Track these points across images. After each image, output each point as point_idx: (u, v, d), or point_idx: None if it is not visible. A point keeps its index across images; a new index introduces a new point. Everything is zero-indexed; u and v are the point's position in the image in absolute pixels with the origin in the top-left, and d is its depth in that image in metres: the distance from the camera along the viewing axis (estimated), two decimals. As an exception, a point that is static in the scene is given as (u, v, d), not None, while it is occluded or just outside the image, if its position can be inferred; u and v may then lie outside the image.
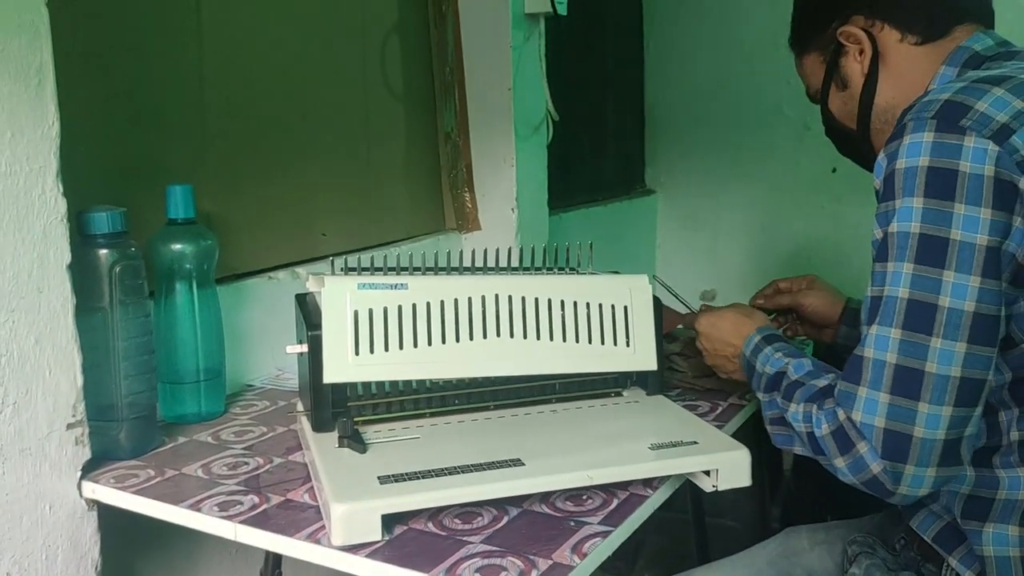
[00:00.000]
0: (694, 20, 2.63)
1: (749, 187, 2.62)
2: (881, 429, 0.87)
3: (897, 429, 0.86)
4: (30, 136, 0.94)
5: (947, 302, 0.85)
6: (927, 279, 0.86)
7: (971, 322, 0.85)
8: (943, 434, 0.85)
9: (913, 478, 0.87)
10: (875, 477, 0.88)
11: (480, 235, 1.86)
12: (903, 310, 0.87)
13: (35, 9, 0.93)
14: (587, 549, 0.81)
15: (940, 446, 0.86)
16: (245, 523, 0.88)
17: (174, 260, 1.14)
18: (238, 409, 1.23)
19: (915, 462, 0.86)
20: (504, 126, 1.82)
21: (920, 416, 0.85)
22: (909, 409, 0.86)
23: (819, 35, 1.12)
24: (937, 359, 0.85)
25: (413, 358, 1.01)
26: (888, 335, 0.88)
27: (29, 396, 0.95)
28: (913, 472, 0.86)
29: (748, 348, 1.11)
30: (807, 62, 1.16)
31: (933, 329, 0.85)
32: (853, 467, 0.90)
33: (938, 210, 0.86)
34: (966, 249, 0.85)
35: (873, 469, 0.88)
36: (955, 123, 0.87)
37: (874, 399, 0.88)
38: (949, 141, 0.87)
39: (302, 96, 1.50)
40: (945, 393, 0.85)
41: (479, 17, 1.81)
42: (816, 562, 1.19)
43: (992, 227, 0.85)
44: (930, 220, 0.86)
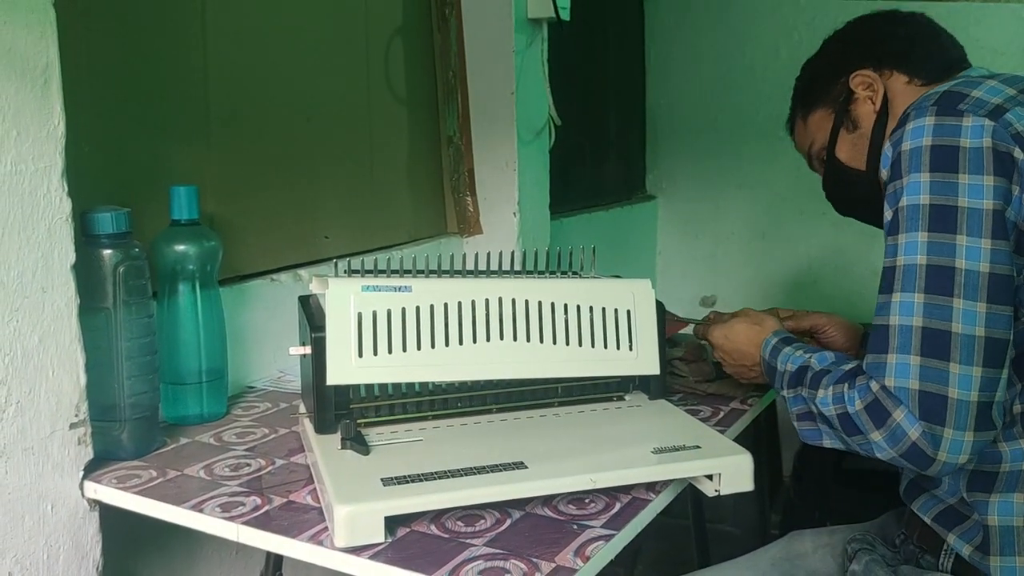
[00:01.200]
0: (696, 27, 2.64)
1: (750, 193, 2.62)
2: (916, 391, 0.88)
3: (932, 390, 0.87)
4: (35, 135, 0.94)
5: (963, 264, 0.88)
6: (942, 244, 0.89)
7: (987, 282, 0.88)
8: (976, 396, 0.87)
9: (952, 442, 0.87)
10: (914, 444, 0.88)
11: (482, 239, 1.87)
12: (923, 275, 0.90)
13: (42, 9, 0.94)
14: (590, 552, 0.81)
15: (975, 408, 0.87)
16: (247, 524, 0.88)
17: (177, 261, 1.14)
18: (240, 410, 1.23)
19: (953, 425, 0.87)
20: (506, 130, 1.83)
21: (953, 377, 0.87)
22: (941, 370, 0.87)
23: (828, 92, 1.18)
24: (961, 319, 0.88)
25: (416, 361, 1.01)
26: (912, 300, 0.90)
27: (32, 395, 0.94)
28: (952, 436, 0.87)
29: (766, 351, 1.12)
30: (812, 121, 1.21)
31: (954, 291, 0.88)
32: (891, 438, 0.90)
33: (944, 181, 0.90)
34: (974, 214, 0.89)
35: (912, 435, 0.88)
36: (954, 107, 0.94)
37: (905, 363, 0.89)
38: (949, 122, 0.92)
39: (306, 99, 1.50)
40: (973, 353, 0.87)
41: (482, 21, 1.81)
42: (819, 565, 1.19)
43: (995, 192, 0.89)
44: (938, 191, 0.90)
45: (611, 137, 2.62)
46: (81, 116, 1.02)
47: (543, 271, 1.19)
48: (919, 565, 1.06)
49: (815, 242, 2.54)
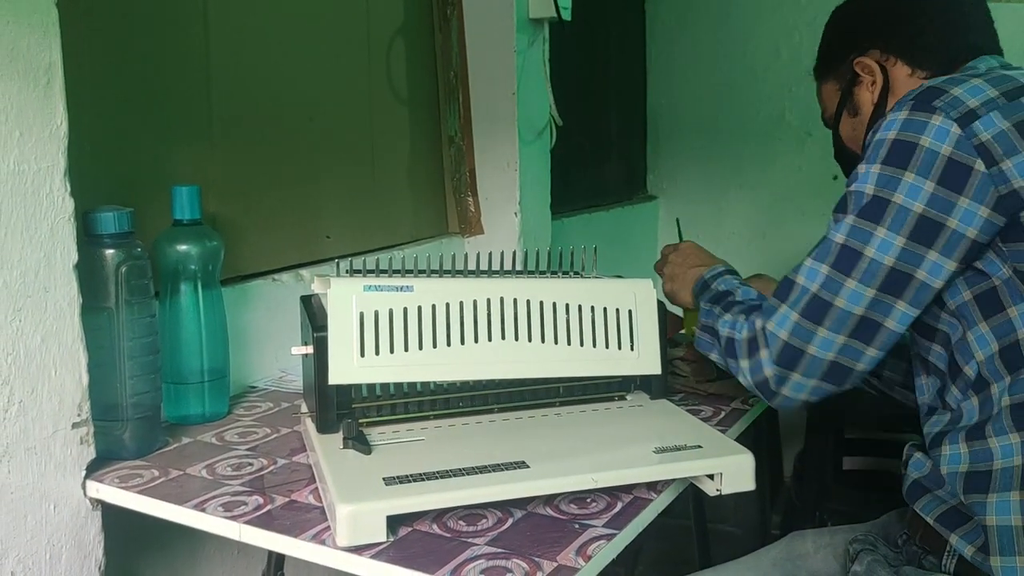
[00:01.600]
0: (697, 27, 2.64)
1: (751, 194, 2.62)
2: (783, 341, 1.00)
3: (795, 344, 0.99)
4: (38, 135, 0.94)
5: (872, 252, 0.96)
6: (862, 231, 0.97)
7: (886, 274, 0.96)
8: (833, 356, 0.98)
9: (796, 384, 1.00)
10: (766, 379, 1.02)
11: (483, 239, 1.87)
12: (836, 252, 0.99)
13: (45, 9, 0.94)
14: (591, 552, 0.81)
15: (827, 364, 0.98)
16: (250, 523, 0.88)
17: (179, 261, 1.14)
18: (242, 410, 1.23)
19: (802, 372, 0.99)
20: (508, 130, 1.83)
21: (817, 338, 0.98)
22: (810, 331, 0.98)
23: (838, 65, 1.20)
24: (848, 297, 0.97)
25: (418, 360, 1.01)
26: (818, 269, 1.00)
27: (35, 395, 0.95)
28: (798, 379, 1.00)
29: (711, 272, 1.20)
30: (825, 89, 1.24)
31: (853, 272, 0.97)
32: (752, 368, 1.03)
33: (890, 176, 0.96)
34: (902, 212, 0.95)
35: (767, 372, 1.01)
36: (928, 103, 0.96)
37: (787, 316, 1.00)
38: (918, 118, 0.96)
39: (308, 99, 1.50)
40: (844, 326, 0.97)
41: (483, 22, 1.81)
42: (821, 565, 1.19)
43: (931, 200, 0.94)
44: (881, 184, 0.97)
45: (612, 137, 2.62)
46: (84, 116, 1.02)
47: (544, 271, 1.19)
48: (921, 566, 1.05)
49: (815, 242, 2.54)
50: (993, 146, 0.92)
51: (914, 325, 1.00)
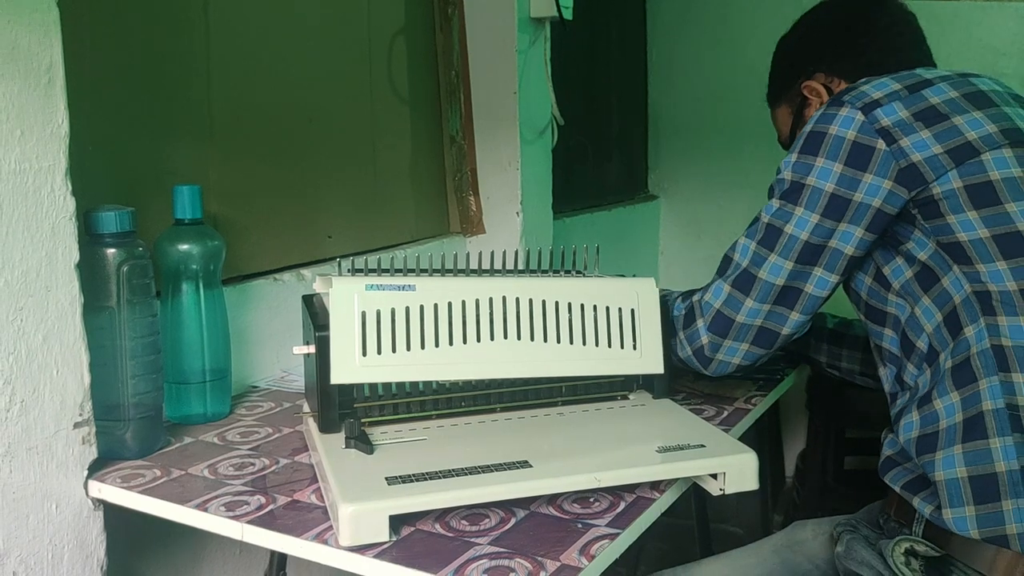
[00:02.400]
0: (697, 27, 2.64)
1: (752, 194, 2.61)
2: (716, 310, 1.12)
3: (726, 313, 1.11)
4: (39, 134, 0.94)
5: (791, 229, 1.08)
6: (783, 211, 1.09)
7: (802, 248, 1.07)
8: (759, 322, 1.10)
9: (728, 349, 1.12)
10: (701, 347, 1.13)
11: (484, 238, 1.87)
12: (762, 231, 1.11)
13: (46, 8, 0.94)
14: (595, 551, 0.81)
15: (755, 331, 1.11)
16: (252, 523, 0.88)
17: (181, 260, 1.14)
18: (243, 410, 1.23)
19: (733, 338, 1.11)
20: (509, 130, 1.83)
21: (744, 308, 1.10)
22: (739, 301, 1.11)
23: (787, 90, 1.32)
24: (769, 270, 1.09)
25: (421, 360, 1.01)
26: (748, 245, 1.12)
27: (36, 395, 0.94)
28: (730, 344, 1.12)
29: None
30: (779, 113, 1.37)
31: (775, 248, 1.09)
32: (689, 336, 1.14)
33: (804, 162, 1.08)
34: (816, 193, 1.06)
35: (703, 340, 1.13)
36: (839, 99, 1.08)
37: (720, 287, 1.13)
38: (830, 111, 1.08)
39: (309, 98, 1.50)
40: (768, 295, 1.09)
41: (484, 21, 1.81)
42: (818, 550, 1.23)
43: (840, 179, 1.05)
44: (797, 170, 1.09)
45: (613, 137, 2.61)
46: (85, 115, 1.02)
47: (547, 270, 1.19)
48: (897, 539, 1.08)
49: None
50: (894, 129, 1.03)
51: (867, 314, 1.13)
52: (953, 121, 1.03)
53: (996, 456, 0.95)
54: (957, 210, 1.01)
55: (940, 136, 1.03)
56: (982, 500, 0.95)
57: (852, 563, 1.09)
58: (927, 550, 0.99)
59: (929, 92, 1.06)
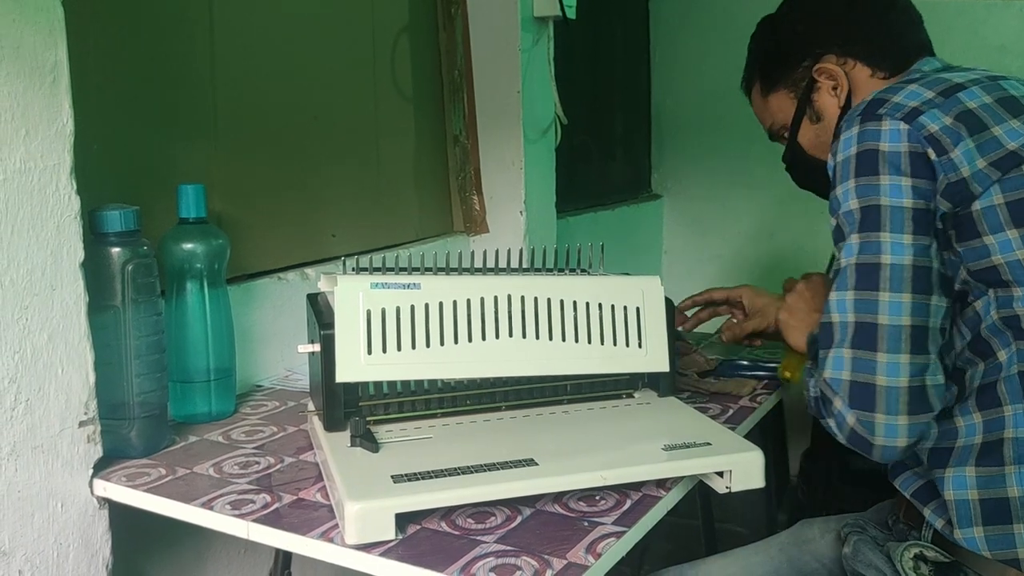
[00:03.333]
0: (701, 25, 2.63)
1: (756, 193, 2.62)
2: (848, 381, 0.94)
3: (861, 380, 0.93)
4: (44, 133, 0.94)
5: (888, 259, 0.94)
6: (869, 243, 0.95)
7: (911, 275, 0.94)
8: (905, 381, 0.92)
9: (886, 427, 0.92)
10: (852, 431, 0.94)
11: (488, 238, 1.86)
12: (853, 274, 0.96)
13: (50, 7, 0.94)
14: (601, 549, 0.81)
15: (904, 393, 0.92)
16: (257, 522, 0.87)
17: (185, 259, 1.14)
18: (248, 409, 1.23)
19: (883, 410, 0.92)
20: (512, 129, 1.83)
21: (880, 366, 0.92)
22: (869, 360, 0.93)
23: (788, 73, 1.21)
24: (888, 311, 0.93)
25: (426, 358, 1.01)
26: (844, 298, 0.96)
27: (42, 393, 0.94)
28: (884, 421, 0.92)
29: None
30: (773, 100, 1.25)
31: (880, 285, 0.94)
32: (837, 425, 0.96)
33: (867, 184, 0.97)
34: (896, 212, 0.95)
35: (849, 421, 0.94)
36: (874, 113, 0.99)
37: (840, 356, 0.95)
38: (870, 128, 0.98)
39: (313, 97, 1.50)
40: (900, 342, 0.92)
41: (488, 20, 1.81)
42: (825, 549, 1.22)
43: (914, 192, 0.95)
44: (862, 194, 0.97)
45: (617, 136, 2.61)
46: (89, 114, 1.02)
47: (551, 269, 1.18)
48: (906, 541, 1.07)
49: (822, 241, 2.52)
50: (942, 136, 0.96)
51: None
52: (992, 131, 0.97)
53: (1010, 482, 0.94)
54: (996, 229, 0.95)
55: (983, 148, 0.96)
56: (993, 522, 0.94)
57: (860, 565, 1.08)
58: (937, 556, 0.99)
59: (964, 96, 1.00)
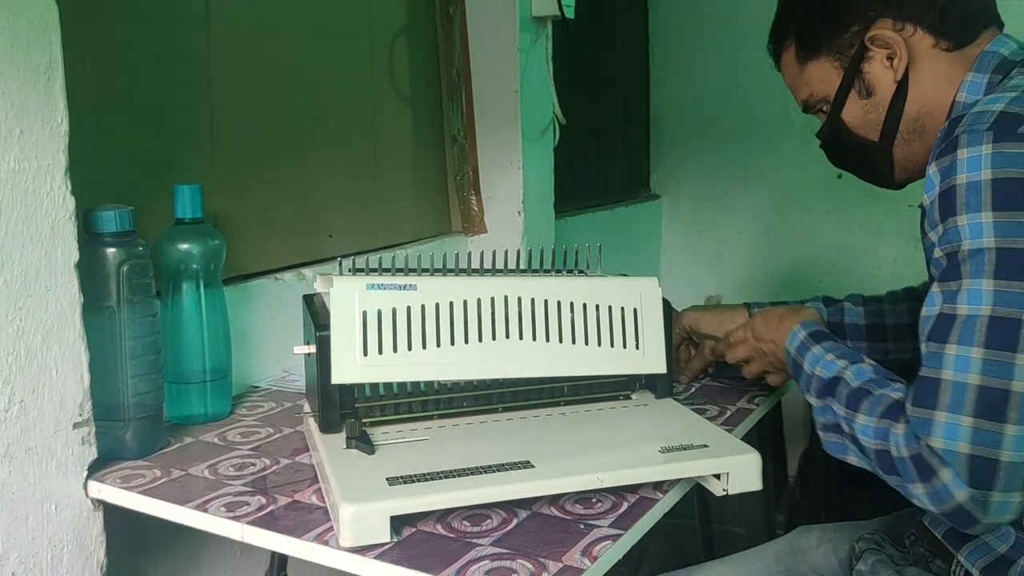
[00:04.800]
0: (700, 25, 2.63)
1: (754, 193, 2.62)
2: (967, 456, 0.81)
3: (983, 455, 0.80)
4: (39, 133, 0.93)
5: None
6: (1010, 294, 0.81)
7: None
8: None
9: (1000, 504, 0.81)
10: (960, 506, 0.82)
11: (486, 238, 1.86)
12: (985, 328, 0.82)
13: (45, 6, 0.93)
14: (597, 552, 0.80)
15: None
16: (252, 524, 0.87)
17: (181, 260, 1.13)
18: (244, 410, 1.22)
19: (1002, 488, 0.81)
20: (511, 129, 1.82)
21: (1007, 439, 0.80)
22: (994, 432, 0.80)
23: (835, 39, 1.05)
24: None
25: (422, 359, 1.00)
26: (969, 355, 0.82)
27: (36, 395, 0.94)
28: (1000, 499, 0.81)
29: (792, 344, 1.07)
30: (813, 69, 1.09)
31: (1019, 346, 0.80)
32: (934, 496, 0.84)
33: (1012, 221, 0.82)
34: None
35: (958, 498, 0.82)
36: (1013, 132, 0.84)
37: (956, 424, 0.82)
38: (1010, 150, 0.83)
39: (310, 97, 1.50)
40: None
41: (486, 20, 1.81)
42: (822, 559, 1.19)
43: None
44: (1005, 232, 0.82)
45: (616, 136, 2.61)
46: (85, 114, 1.01)
47: (549, 270, 1.18)
48: (928, 568, 1.04)
49: (820, 241, 2.54)
50: None
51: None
52: None
53: None
54: None
55: None
56: None
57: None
58: None
59: None
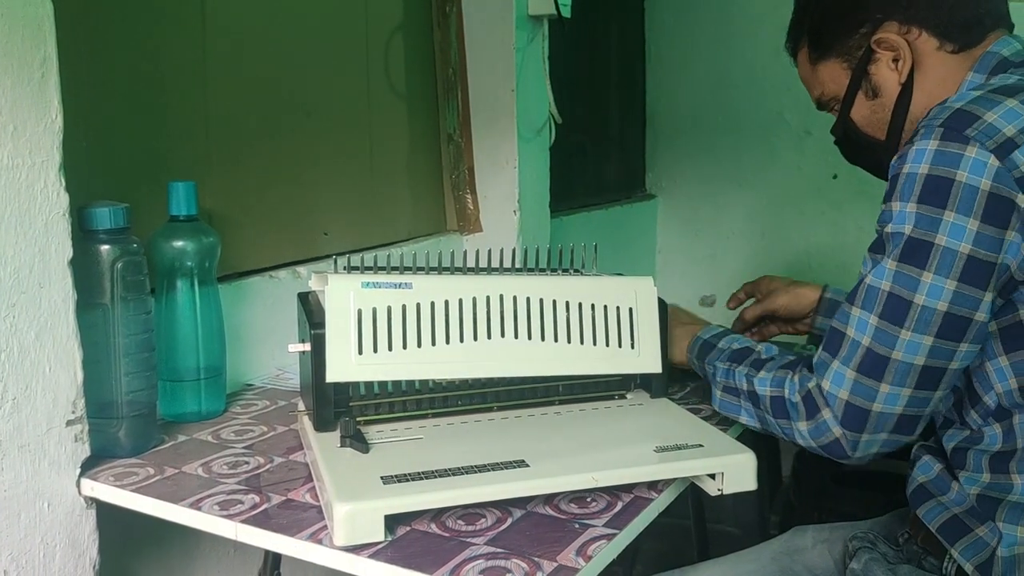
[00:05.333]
0: (696, 26, 2.63)
1: (750, 193, 2.62)
2: (844, 401, 0.94)
3: (858, 404, 0.93)
4: (33, 129, 0.93)
5: (922, 300, 0.90)
6: (907, 277, 0.91)
7: (941, 320, 0.90)
8: (900, 410, 0.93)
9: (866, 443, 0.94)
10: (835, 441, 0.95)
11: (481, 237, 1.86)
12: (883, 301, 0.92)
13: (39, 2, 0.93)
14: (592, 552, 0.80)
15: (895, 419, 0.93)
16: (246, 522, 0.87)
17: (176, 257, 1.13)
18: (238, 408, 1.22)
19: (870, 431, 0.94)
20: (506, 128, 1.82)
21: (880, 395, 0.93)
22: (871, 388, 0.93)
23: (844, 41, 1.08)
24: (904, 349, 0.91)
25: (417, 358, 1.00)
26: (867, 320, 0.94)
27: (29, 392, 0.94)
28: (868, 438, 0.94)
29: (710, 332, 1.16)
30: (824, 69, 1.12)
31: (905, 323, 0.91)
32: (815, 431, 0.96)
33: (929, 216, 0.90)
34: (948, 254, 0.89)
35: (835, 432, 0.95)
36: (960, 132, 0.89)
37: (842, 373, 0.94)
38: (951, 150, 0.89)
39: (306, 95, 1.49)
40: (907, 377, 0.92)
41: (482, 18, 1.80)
42: (817, 560, 1.20)
43: (977, 238, 0.88)
44: (920, 225, 0.91)
45: (611, 135, 2.61)
46: (79, 110, 1.01)
47: (544, 269, 1.18)
48: (921, 566, 1.05)
49: (815, 241, 2.54)
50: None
51: None
52: None
53: None
54: None
55: None
56: None
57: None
58: None
59: None
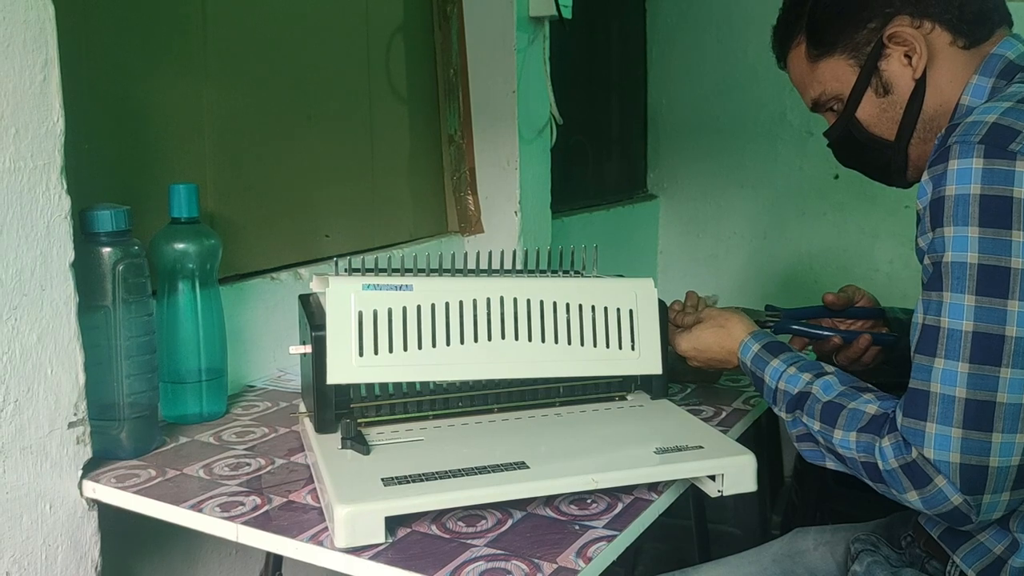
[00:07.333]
0: (698, 26, 2.63)
1: (751, 193, 2.62)
2: (958, 464, 0.85)
3: (973, 463, 0.85)
4: (34, 132, 0.93)
5: (1014, 331, 0.83)
6: (991, 310, 0.84)
7: None
8: (1017, 460, 0.85)
9: (989, 505, 0.86)
10: (956, 508, 0.87)
11: (483, 238, 1.86)
12: (968, 343, 0.85)
13: (41, 5, 0.93)
14: (592, 553, 0.81)
15: (1014, 472, 0.85)
16: (247, 524, 0.87)
17: (177, 259, 1.13)
18: (239, 410, 1.22)
19: (992, 490, 0.85)
20: (508, 129, 1.82)
21: (994, 447, 0.84)
22: (983, 442, 0.84)
23: (850, 36, 1.03)
24: (1008, 389, 0.84)
25: (417, 360, 1.00)
26: (955, 370, 0.85)
27: (31, 394, 0.94)
28: (990, 500, 0.85)
29: (747, 358, 1.08)
30: (826, 67, 1.06)
31: (1002, 360, 0.83)
32: (929, 501, 0.88)
33: (995, 239, 0.83)
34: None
35: (954, 501, 0.86)
36: (1004, 148, 0.84)
37: (946, 435, 0.85)
38: (1000, 167, 0.84)
39: (307, 97, 1.50)
40: (1018, 421, 0.84)
41: (483, 19, 1.80)
42: (819, 562, 1.19)
43: None
44: (987, 250, 0.84)
45: (613, 136, 2.61)
46: (80, 113, 1.01)
47: (545, 270, 1.18)
48: (924, 570, 1.05)
49: (817, 242, 2.54)
50: None
51: None
52: None
53: None
54: None
55: None
56: None
57: None
58: None
59: None
